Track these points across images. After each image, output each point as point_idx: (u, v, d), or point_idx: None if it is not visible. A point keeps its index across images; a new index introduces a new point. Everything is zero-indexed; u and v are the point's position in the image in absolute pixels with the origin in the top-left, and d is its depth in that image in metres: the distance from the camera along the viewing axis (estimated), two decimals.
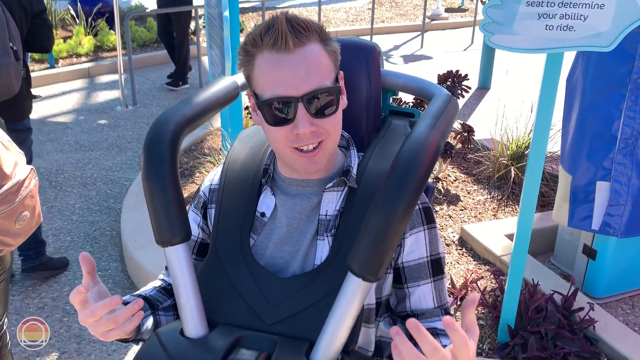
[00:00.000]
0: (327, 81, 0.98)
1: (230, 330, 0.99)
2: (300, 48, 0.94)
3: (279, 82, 0.95)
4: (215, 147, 4.37)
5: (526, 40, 1.82)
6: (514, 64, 6.80)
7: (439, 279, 1.10)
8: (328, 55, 0.98)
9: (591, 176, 2.49)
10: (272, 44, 0.94)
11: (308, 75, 0.95)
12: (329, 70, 0.99)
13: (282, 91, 0.95)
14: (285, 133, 0.97)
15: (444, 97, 1.10)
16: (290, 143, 0.98)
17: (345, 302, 0.93)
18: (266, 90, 0.97)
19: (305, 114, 0.96)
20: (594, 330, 2.34)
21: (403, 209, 0.88)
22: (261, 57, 0.96)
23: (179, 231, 0.99)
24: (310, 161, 1.00)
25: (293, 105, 0.95)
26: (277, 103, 0.96)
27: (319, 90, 0.95)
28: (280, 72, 0.94)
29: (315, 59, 0.96)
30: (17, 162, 1.66)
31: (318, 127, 0.98)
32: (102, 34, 7.49)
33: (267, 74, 0.96)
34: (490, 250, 2.92)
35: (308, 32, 0.95)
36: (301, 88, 0.95)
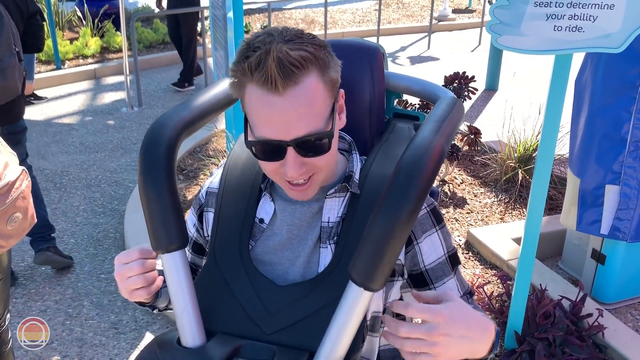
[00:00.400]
0: (320, 122, 0.91)
1: (228, 339, 0.97)
2: (292, 88, 0.86)
3: (268, 124, 0.89)
4: (220, 148, 4.35)
5: (534, 41, 1.78)
6: (522, 66, 6.75)
7: (457, 269, 1.10)
8: (325, 85, 0.91)
9: (600, 180, 2.45)
10: (262, 82, 0.86)
11: (298, 120, 0.88)
12: (324, 106, 0.91)
13: (270, 134, 0.90)
14: (275, 167, 0.94)
15: (449, 100, 1.07)
16: (280, 176, 0.96)
17: (346, 312, 0.90)
18: (255, 127, 0.92)
19: (294, 156, 0.91)
20: (603, 337, 2.30)
21: (406, 217, 0.85)
22: (251, 90, 0.89)
23: (176, 238, 0.97)
24: (301, 193, 0.98)
25: (282, 148, 0.91)
26: (266, 145, 0.92)
27: (309, 135, 0.90)
28: (269, 114, 0.88)
29: (309, 98, 0.88)
30: (8, 163, 1.65)
31: (308, 165, 0.94)
32: (109, 35, 7.50)
33: (256, 111, 0.90)
34: (497, 254, 2.88)
35: (302, 69, 0.87)
36: (290, 133, 0.89)
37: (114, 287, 2.97)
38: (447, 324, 0.83)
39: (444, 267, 1.07)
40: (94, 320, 2.72)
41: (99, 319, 2.72)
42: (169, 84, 6.35)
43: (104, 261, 3.19)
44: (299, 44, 0.88)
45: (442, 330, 0.83)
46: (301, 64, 0.87)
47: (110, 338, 2.59)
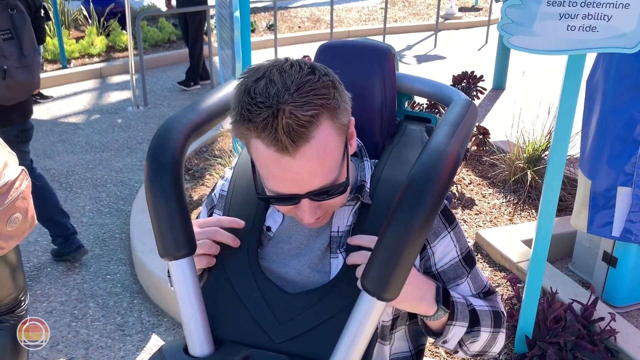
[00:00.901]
0: (334, 173, 0.88)
1: (237, 348, 0.94)
2: (303, 147, 0.82)
3: (280, 182, 0.86)
4: (226, 148, 4.33)
5: (547, 41, 1.75)
6: (530, 65, 6.70)
7: (473, 270, 1.08)
8: (337, 131, 0.86)
9: (612, 181, 2.41)
10: (271, 144, 0.82)
11: (311, 177, 0.85)
12: (336, 154, 0.87)
13: (284, 189, 0.87)
14: (289, 209, 0.93)
15: (463, 103, 1.04)
16: (294, 213, 0.94)
17: (358, 322, 0.87)
18: (266, 180, 0.89)
19: (309, 205, 0.90)
20: (615, 341, 2.26)
21: (420, 225, 0.82)
22: (258, 145, 0.84)
23: (184, 244, 0.94)
24: (314, 225, 0.97)
25: (296, 200, 0.89)
26: (279, 197, 0.90)
27: (324, 188, 0.88)
28: (280, 174, 0.85)
29: (321, 152, 0.84)
30: (7, 163, 1.63)
31: (323, 206, 0.93)
32: (114, 34, 7.50)
33: (266, 168, 0.86)
34: (506, 256, 2.84)
35: (313, 125, 0.82)
36: (304, 187, 0.87)
37: (119, 288, 2.95)
38: None
39: (457, 269, 1.06)
40: (100, 322, 2.70)
41: (105, 321, 2.71)
42: (175, 82, 6.34)
43: (110, 262, 3.18)
44: (305, 96, 0.81)
45: None
46: (311, 122, 0.82)
47: (116, 340, 2.58)
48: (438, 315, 0.96)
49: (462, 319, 1.00)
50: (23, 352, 1.98)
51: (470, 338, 1.03)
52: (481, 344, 1.06)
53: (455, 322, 0.99)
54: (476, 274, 1.09)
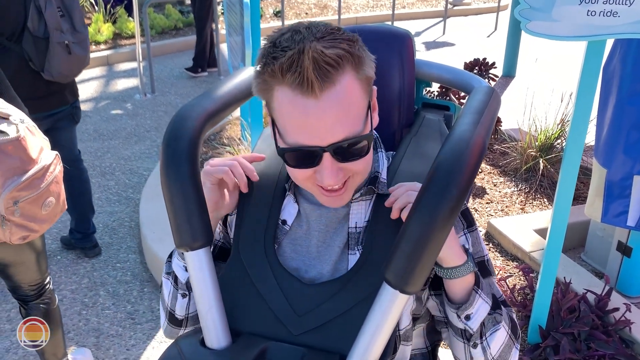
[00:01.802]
0: (357, 125, 0.85)
1: (254, 340, 0.93)
2: (328, 90, 0.80)
3: (302, 131, 0.83)
4: (234, 136, 4.31)
5: (566, 27, 1.71)
6: (540, 51, 6.62)
7: (485, 279, 1.02)
8: (360, 84, 0.85)
9: (628, 170, 2.37)
10: (296, 85, 0.80)
11: (335, 124, 0.82)
12: (360, 107, 0.86)
13: (305, 140, 0.84)
14: (308, 174, 0.88)
15: (486, 90, 1.01)
16: (313, 182, 0.90)
17: (380, 315, 0.85)
18: (287, 133, 0.85)
19: (331, 162, 0.85)
20: (630, 332, 2.24)
21: (446, 216, 0.80)
22: (281, 92, 0.83)
23: (200, 235, 0.92)
24: (334, 199, 0.92)
25: (318, 154, 0.85)
26: (300, 152, 0.85)
27: (347, 139, 0.84)
28: (304, 119, 0.82)
29: (345, 99, 0.82)
30: (43, 148, 1.66)
31: (345, 170, 0.88)
32: (121, 21, 7.46)
33: (288, 116, 0.84)
34: (518, 246, 2.82)
35: (339, 68, 0.81)
36: (327, 138, 0.83)
37: (129, 276, 2.95)
38: None
39: None
40: (110, 310, 2.70)
41: (115, 309, 2.71)
42: (183, 68, 6.30)
43: (119, 250, 3.18)
44: (332, 41, 0.81)
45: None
46: (337, 62, 0.80)
47: (127, 328, 2.58)
48: (467, 268, 0.90)
49: (486, 294, 0.95)
50: (59, 335, 2.05)
51: (492, 326, 0.96)
52: (500, 344, 0.97)
53: (481, 291, 0.94)
54: (491, 283, 1.03)
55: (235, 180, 1.00)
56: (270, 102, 0.86)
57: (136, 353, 2.43)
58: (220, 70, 6.21)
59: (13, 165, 1.52)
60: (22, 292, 1.96)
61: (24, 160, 1.55)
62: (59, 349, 2.09)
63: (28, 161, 1.56)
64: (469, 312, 0.94)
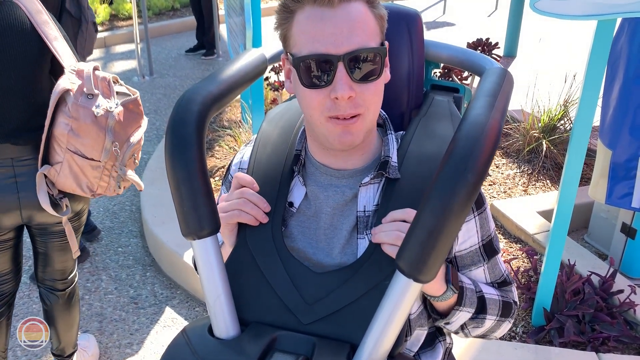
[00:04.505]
0: (372, 41, 0.88)
1: (264, 330, 0.91)
2: (345, 3, 0.85)
3: (319, 38, 0.85)
4: (235, 119, 4.27)
5: (575, 6, 1.67)
6: (542, 31, 6.54)
7: (492, 259, 1.04)
8: (375, 17, 0.89)
9: (633, 151, 2.35)
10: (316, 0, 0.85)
11: (351, 33, 0.85)
12: (375, 32, 0.89)
13: (321, 48, 0.85)
14: (322, 98, 0.87)
15: (499, 72, 0.99)
16: (326, 111, 0.88)
17: (393, 304, 0.83)
18: (304, 47, 0.87)
19: (345, 75, 0.85)
20: (635, 314, 2.24)
21: (462, 204, 0.77)
22: (301, 14, 0.87)
23: (207, 223, 0.90)
24: (346, 131, 0.89)
25: (332, 65, 0.85)
26: (315, 62, 0.85)
27: (362, 50, 0.85)
28: (321, 28, 0.85)
29: (361, 17, 0.86)
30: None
31: (357, 95, 0.87)
32: (118, 2, 7.35)
33: (306, 31, 0.87)
34: (522, 228, 2.80)
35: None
36: (342, 46, 0.85)
37: (131, 260, 2.94)
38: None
39: (474, 256, 1.01)
40: (113, 294, 2.69)
41: (118, 294, 2.70)
42: (201, 57, 6.17)
43: (121, 234, 3.16)
44: None
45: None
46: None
47: (130, 313, 2.57)
48: (446, 296, 0.93)
49: (470, 305, 0.98)
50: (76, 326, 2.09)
51: (474, 323, 1.01)
52: (483, 330, 1.05)
53: (462, 307, 0.97)
54: (495, 262, 1.05)
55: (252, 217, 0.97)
56: (289, 31, 0.90)
57: (140, 337, 2.43)
58: (220, 52, 6.14)
59: (134, 120, 1.73)
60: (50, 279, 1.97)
61: (139, 115, 1.76)
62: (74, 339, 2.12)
63: (141, 116, 1.77)
64: (449, 321, 1.00)
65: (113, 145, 1.65)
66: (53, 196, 1.69)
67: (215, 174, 3.51)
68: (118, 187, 1.74)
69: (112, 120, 1.63)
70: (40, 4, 1.68)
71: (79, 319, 2.11)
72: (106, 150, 1.64)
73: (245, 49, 2.46)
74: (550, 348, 2.09)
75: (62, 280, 1.98)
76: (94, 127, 1.61)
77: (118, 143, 1.67)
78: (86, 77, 1.63)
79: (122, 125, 1.67)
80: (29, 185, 1.67)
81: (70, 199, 1.75)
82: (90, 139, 1.62)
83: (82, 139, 1.61)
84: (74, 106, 1.59)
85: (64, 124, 1.60)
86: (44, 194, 1.66)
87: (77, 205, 1.82)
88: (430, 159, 0.96)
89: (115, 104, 1.66)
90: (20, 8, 1.63)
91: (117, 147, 1.66)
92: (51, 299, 1.98)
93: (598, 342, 2.12)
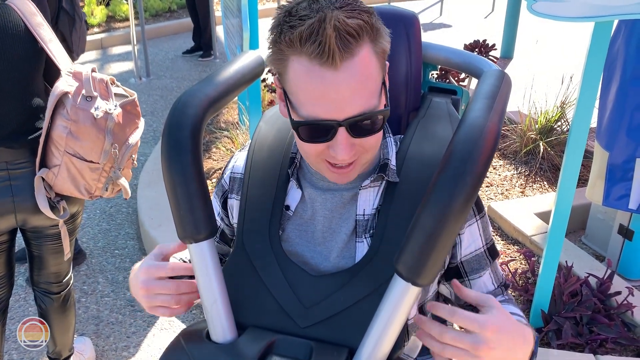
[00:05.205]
0: (374, 99, 0.83)
1: (261, 334, 0.90)
2: (348, 61, 0.78)
3: (319, 102, 0.80)
4: (232, 120, 4.26)
5: (573, 8, 1.67)
6: (539, 32, 6.56)
7: (495, 261, 1.04)
8: (377, 57, 0.83)
9: (630, 153, 2.35)
10: (315, 55, 0.77)
11: (353, 97, 0.80)
12: (376, 80, 0.83)
13: (322, 113, 0.81)
14: (320, 149, 0.86)
15: (496, 74, 0.98)
16: (324, 157, 0.87)
17: (391, 308, 0.83)
18: (301, 105, 0.82)
19: (345, 137, 0.83)
20: (632, 316, 2.24)
21: (460, 207, 0.77)
22: (298, 63, 0.80)
23: (204, 226, 0.89)
24: (342, 176, 0.90)
25: (333, 129, 0.82)
26: (316, 126, 0.82)
27: (364, 114, 0.81)
28: (321, 91, 0.79)
29: (363, 71, 0.80)
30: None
31: (357, 146, 0.85)
32: (114, 3, 7.34)
33: (304, 88, 0.81)
34: (519, 229, 2.80)
35: (359, 39, 0.78)
36: (344, 111, 0.80)
37: (128, 263, 2.93)
38: (494, 338, 0.77)
39: (481, 260, 1.01)
40: (110, 297, 2.68)
41: (115, 296, 2.69)
42: (198, 58, 6.16)
43: (117, 237, 3.15)
44: (351, 11, 0.79)
45: (490, 344, 0.77)
46: (358, 33, 0.78)
47: (127, 316, 2.56)
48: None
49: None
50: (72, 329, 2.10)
51: None
52: None
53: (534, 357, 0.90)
54: (496, 266, 1.05)
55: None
56: (284, 73, 0.84)
57: (136, 340, 2.42)
58: (217, 53, 6.13)
59: (131, 121, 1.73)
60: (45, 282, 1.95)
61: (137, 116, 1.76)
62: (70, 342, 2.11)
63: (138, 117, 1.76)
64: None
65: (112, 147, 1.65)
66: (50, 199, 1.68)
67: (212, 176, 3.50)
68: (105, 190, 1.72)
69: (111, 122, 1.63)
70: (34, 6, 1.67)
71: (74, 322, 2.10)
72: (105, 152, 1.64)
73: (242, 51, 2.46)
74: (548, 350, 2.09)
75: (57, 283, 1.97)
76: (94, 129, 1.60)
77: (117, 145, 1.67)
78: (85, 79, 1.61)
79: (120, 126, 1.67)
80: (24, 188, 1.66)
81: (66, 202, 1.74)
82: (89, 141, 1.61)
83: (81, 141, 1.60)
84: (73, 109, 1.58)
85: (62, 127, 1.59)
86: (43, 197, 1.65)
87: (72, 208, 1.81)
88: (430, 161, 0.96)
89: (114, 105, 1.66)
90: (14, 10, 1.62)
91: (116, 149, 1.66)
92: (46, 302, 1.97)
93: (596, 344, 2.12)
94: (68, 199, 1.75)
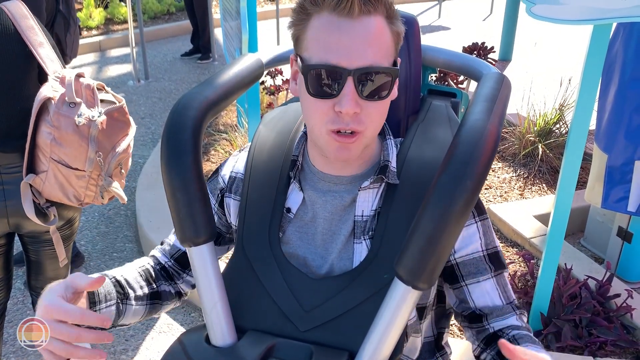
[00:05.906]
0: (386, 61, 0.86)
1: (261, 337, 0.90)
2: (365, 16, 0.83)
3: (332, 49, 0.83)
4: (231, 123, 4.26)
5: (571, 10, 1.67)
6: (537, 35, 6.57)
7: (500, 273, 0.99)
8: (392, 34, 0.87)
9: (629, 155, 2.35)
10: (335, 5, 0.82)
11: (366, 48, 0.83)
12: (390, 51, 0.87)
13: (333, 59, 0.83)
14: (326, 109, 0.86)
15: (496, 77, 0.98)
16: (329, 123, 0.86)
17: (391, 312, 0.82)
18: (315, 54, 0.85)
19: (352, 90, 0.83)
20: (632, 318, 2.24)
21: (460, 210, 0.77)
22: (318, 19, 0.85)
23: (204, 230, 0.89)
24: (343, 147, 0.88)
25: (341, 78, 0.83)
26: (325, 72, 0.84)
27: (374, 67, 0.83)
28: (336, 38, 0.83)
29: (378, 32, 0.84)
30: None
31: (362, 112, 0.86)
32: (113, 5, 7.34)
33: (320, 38, 0.84)
34: (518, 232, 2.80)
35: (377, 3, 0.83)
36: (355, 61, 0.83)
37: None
38: None
39: (479, 264, 0.97)
40: None
41: None
42: (197, 61, 6.16)
43: (116, 239, 3.14)
44: None
45: None
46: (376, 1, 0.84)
47: None
48: None
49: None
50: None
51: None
52: None
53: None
54: (503, 279, 1.00)
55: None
56: (302, 34, 0.87)
57: (135, 343, 2.41)
58: (215, 56, 6.13)
59: (119, 128, 1.67)
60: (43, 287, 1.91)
61: (126, 123, 1.70)
62: None
63: (128, 124, 1.71)
64: None
65: (97, 155, 1.61)
66: (39, 205, 1.66)
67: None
68: (101, 197, 1.70)
69: (94, 130, 1.58)
70: (26, 9, 1.64)
71: None
72: (90, 159, 1.60)
73: (241, 53, 2.46)
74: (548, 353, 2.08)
75: None
76: (76, 137, 1.57)
77: (102, 153, 1.62)
78: (67, 85, 1.58)
79: (106, 134, 1.62)
80: (16, 193, 1.64)
81: (60, 207, 1.72)
82: (72, 149, 1.58)
83: (64, 148, 1.57)
84: (55, 115, 1.55)
85: (46, 133, 1.56)
86: (29, 203, 1.62)
87: (68, 213, 1.79)
88: (430, 164, 0.96)
89: (99, 112, 1.61)
90: (5, 13, 1.60)
91: (100, 157, 1.62)
92: None
93: (595, 346, 2.12)
94: (61, 205, 1.73)
